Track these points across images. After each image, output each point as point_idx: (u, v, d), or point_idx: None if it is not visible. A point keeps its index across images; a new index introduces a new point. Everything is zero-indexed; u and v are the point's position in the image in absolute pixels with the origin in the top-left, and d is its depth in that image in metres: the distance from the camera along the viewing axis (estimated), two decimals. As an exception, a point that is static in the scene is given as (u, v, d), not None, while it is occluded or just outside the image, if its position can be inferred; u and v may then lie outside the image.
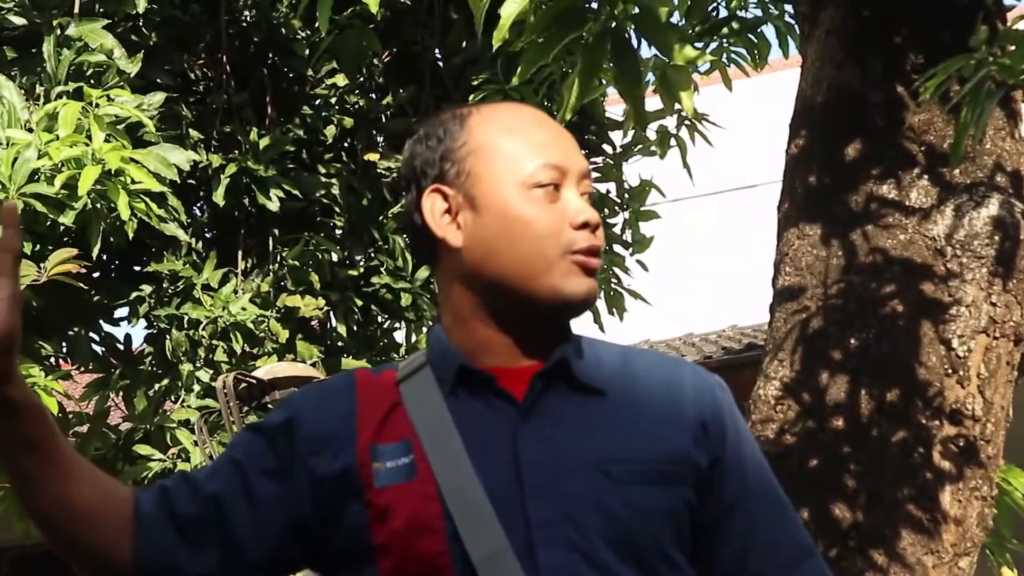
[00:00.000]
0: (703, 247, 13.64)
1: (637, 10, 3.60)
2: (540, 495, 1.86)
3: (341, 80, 8.49)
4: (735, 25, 5.80)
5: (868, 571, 3.64)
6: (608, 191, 8.65)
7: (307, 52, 8.17)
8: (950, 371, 3.78)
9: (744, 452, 2.02)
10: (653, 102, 4.53)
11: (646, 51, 10.50)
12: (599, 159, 8.59)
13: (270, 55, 8.54)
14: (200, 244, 8.24)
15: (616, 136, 8.54)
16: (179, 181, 6.90)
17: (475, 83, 7.19)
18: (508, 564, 1.82)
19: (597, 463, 1.89)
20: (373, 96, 8.89)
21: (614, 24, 3.59)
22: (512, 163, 1.95)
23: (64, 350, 8.10)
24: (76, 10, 7.15)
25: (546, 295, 1.92)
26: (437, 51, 8.66)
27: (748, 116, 12.19)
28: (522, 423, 1.90)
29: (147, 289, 8.04)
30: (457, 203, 1.96)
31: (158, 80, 7.62)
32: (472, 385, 1.94)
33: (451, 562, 1.83)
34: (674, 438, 1.95)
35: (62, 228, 6.60)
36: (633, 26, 3.65)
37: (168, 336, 7.88)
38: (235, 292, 7.93)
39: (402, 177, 2.05)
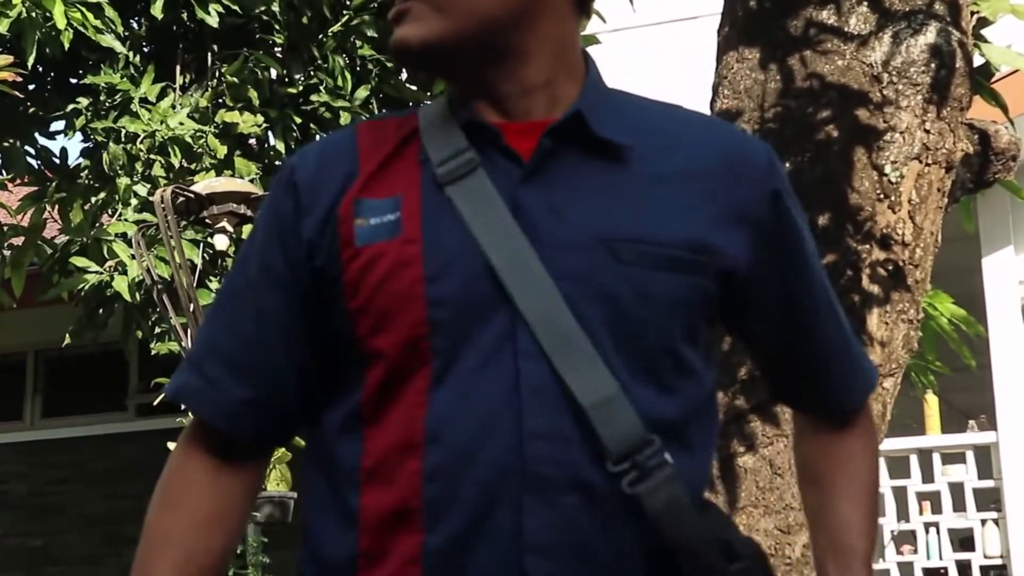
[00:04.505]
0: (644, 75, 13.62)
1: None
2: None
3: None
4: None
5: (794, 389, 3.70)
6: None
7: None
8: (882, 196, 3.82)
9: (792, 252, 1.86)
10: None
11: None
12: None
13: None
14: (138, 58, 8.16)
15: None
16: (116, -8, 6.82)
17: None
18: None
19: (605, 239, 1.70)
20: (315, -88, 8.77)
21: None
22: None
23: (-1, 161, 8.06)
24: None
25: None
26: None
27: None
28: (522, 186, 1.72)
29: (84, 102, 7.96)
30: None
31: None
32: (479, 140, 1.76)
33: (429, 332, 1.68)
34: (699, 221, 1.75)
35: (-3, 37, 6.54)
36: None
37: (105, 150, 7.83)
38: (173, 107, 7.87)
39: None
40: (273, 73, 8.37)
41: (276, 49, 8.54)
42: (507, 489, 1.64)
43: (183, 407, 1.90)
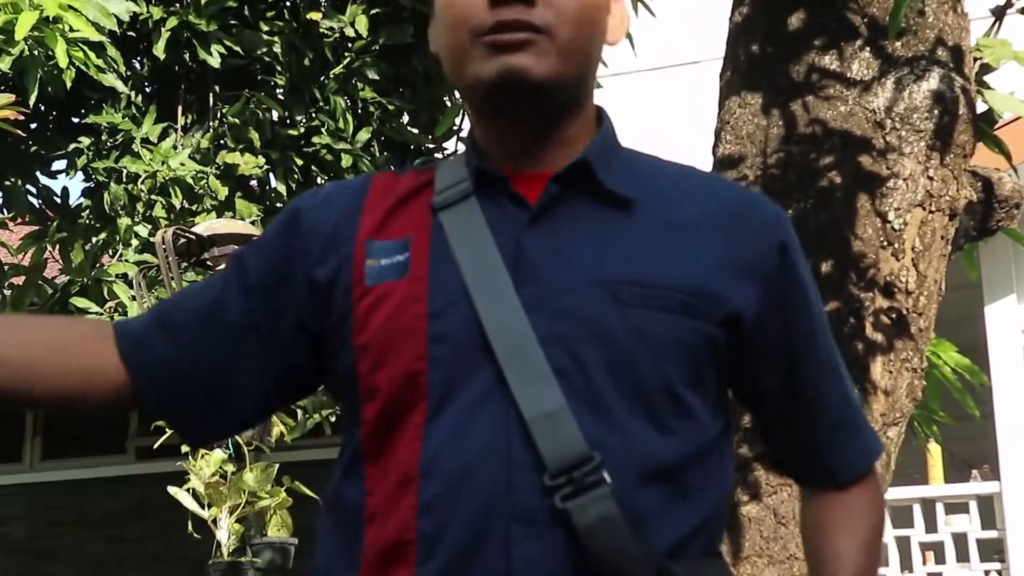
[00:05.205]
0: (645, 120, 13.64)
1: None
2: (532, 309, 1.71)
3: (285, -63, 8.39)
4: None
5: (796, 437, 3.67)
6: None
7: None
8: (885, 243, 3.79)
9: (797, 307, 1.87)
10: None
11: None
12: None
13: (214, -92, 8.42)
14: (139, 98, 8.16)
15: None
16: (118, 33, 6.81)
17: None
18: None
19: (606, 282, 1.73)
20: (316, -46, 8.79)
21: None
22: None
23: (0, 200, 8.04)
24: None
25: (469, 83, 1.78)
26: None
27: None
28: (528, 229, 1.76)
29: (85, 141, 7.96)
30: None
31: (99, -71, 7.49)
32: (489, 188, 1.80)
33: (427, 367, 1.71)
34: (703, 269, 1.77)
35: (-1, 75, 6.54)
36: None
37: (106, 190, 7.82)
38: (174, 147, 7.87)
39: None
40: (275, 115, 8.37)
41: (278, 90, 8.54)
42: (496, 520, 1.66)
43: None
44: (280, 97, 8.52)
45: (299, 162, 8.28)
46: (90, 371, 1.84)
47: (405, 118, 8.75)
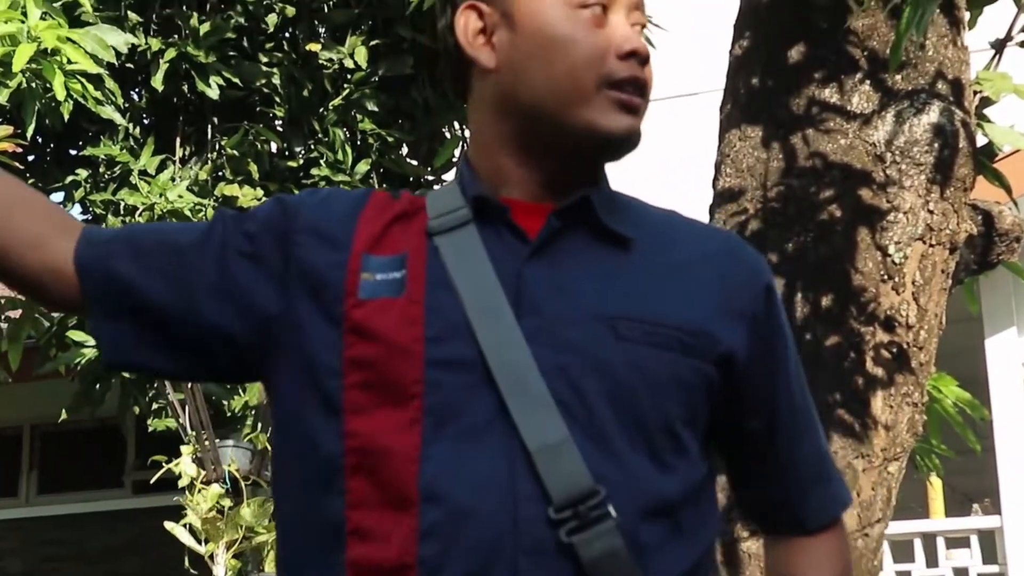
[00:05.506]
0: (644, 151, 13.64)
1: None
2: (534, 340, 1.70)
3: (284, -32, 8.38)
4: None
5: (796, 473, 3.64)
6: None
7: (250, -62, 8.06)
8: (885, 277, 3.78)
9: (780, 350, 1.91)
10: None
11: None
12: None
13: (213, -60, 8.43)
14: (137, 130, 8.15)
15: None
16: (116, 65, 6.80)
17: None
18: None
19: (606, 317, 1.73)
20: (316, -14, 8.79)
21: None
22: None
23: (-3, 233, 8.01)
24: None
25: (580, 129, 1.77)
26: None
27: (692, 21, 12.14)
28: (529, 261, 1.75)
29: (83, 173, 7.95)
30: (493, 21, 1.81)
31: (98, -40, 7.49)
32: (488, 217, 1.78)
33: (424, 391, 1.69)
34: (700, 309, 1.79)
35: (-4, 107, 6.53)
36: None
37: (104, 222, 7.80)
38: (172, 179, 7.86)
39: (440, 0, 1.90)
40: (273, 146, 8.36)
41: (276, 122, 8.53)
42: (502, 550, 1.64)
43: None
44: (279, 129, 8.51)
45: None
46: (35, 244, 1.81)
47: (404, 150, 8.75)
